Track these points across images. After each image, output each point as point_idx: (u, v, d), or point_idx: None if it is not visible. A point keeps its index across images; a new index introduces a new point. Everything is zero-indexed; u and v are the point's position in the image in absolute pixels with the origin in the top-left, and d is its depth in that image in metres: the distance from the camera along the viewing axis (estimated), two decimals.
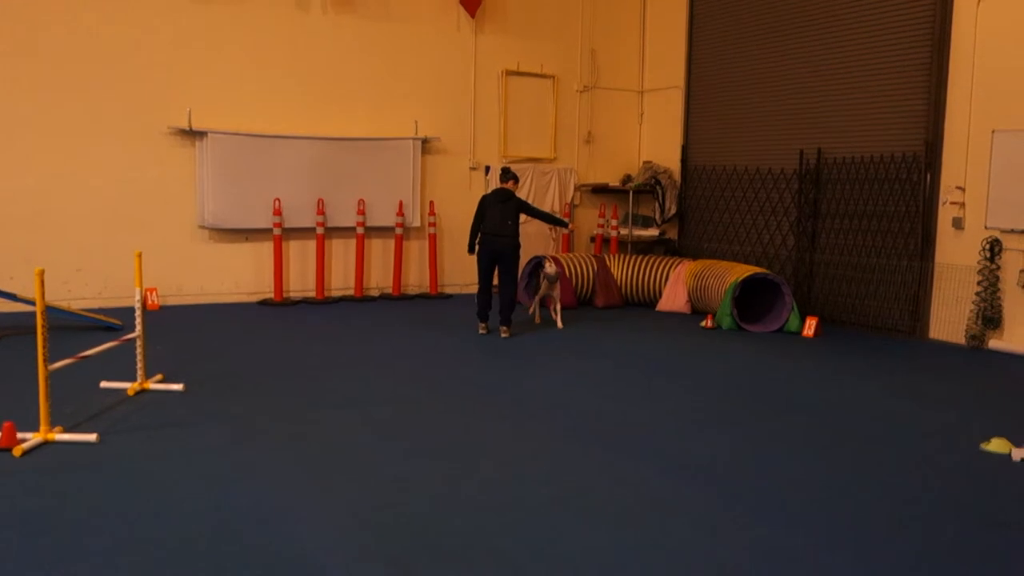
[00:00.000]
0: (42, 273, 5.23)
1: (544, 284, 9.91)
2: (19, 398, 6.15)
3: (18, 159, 9.96)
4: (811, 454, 5.55)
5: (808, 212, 11.24)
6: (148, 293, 10.35)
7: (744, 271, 10.33)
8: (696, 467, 5.24)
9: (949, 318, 9.73)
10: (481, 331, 9.46)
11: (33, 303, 5.31)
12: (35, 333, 5.31)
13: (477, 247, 9.41)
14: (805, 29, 11.29)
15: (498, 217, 9.22)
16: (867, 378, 7.94)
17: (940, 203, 9.81)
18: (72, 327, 8.69)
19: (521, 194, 10.19)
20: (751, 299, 10.46)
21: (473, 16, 12.40)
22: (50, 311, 6.43)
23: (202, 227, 11.00)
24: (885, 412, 6.68)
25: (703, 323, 10.34)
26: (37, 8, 9.89)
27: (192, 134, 10.79)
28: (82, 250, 10.29)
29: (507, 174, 9.60)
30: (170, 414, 6.08)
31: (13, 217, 9.93)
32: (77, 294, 10.15)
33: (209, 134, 10.77)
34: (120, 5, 10.31)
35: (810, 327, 9.93)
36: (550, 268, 9.80)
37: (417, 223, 12.28)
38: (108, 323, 8.87)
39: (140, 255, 6.67)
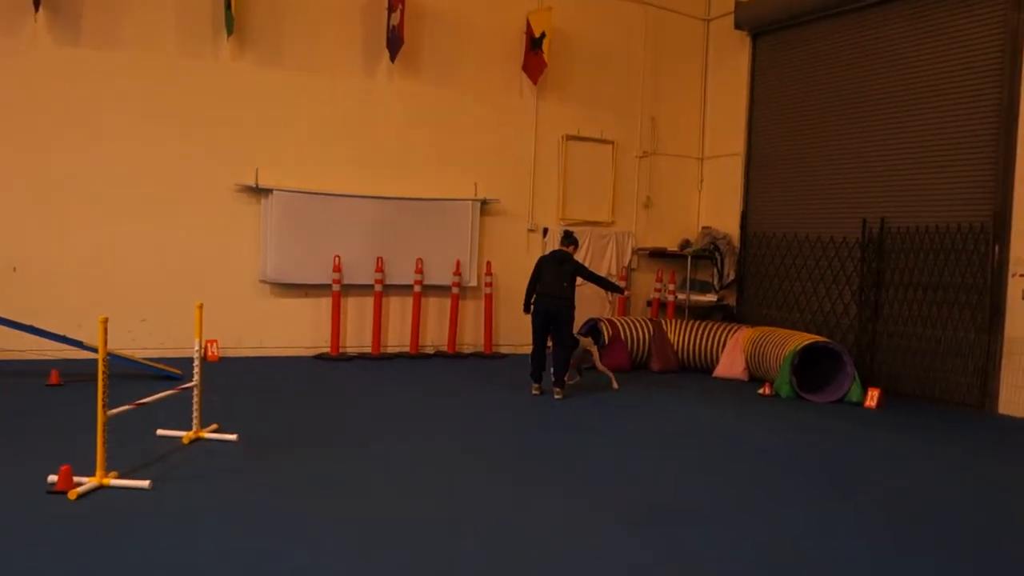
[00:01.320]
0: (105, 321, 5.39)
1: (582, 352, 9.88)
2: (79, 442, 6.27)
3: (91, 215, 10.34)
4: (879, 538, 5.28)
5: (871, 281, 11.01)
6: (208, 344, 10.56)
7: (804, 339, 10.12)
8: (758, 556, 5.06)
9: (1021, 393, 9.35)
10: (534, 392, 9.40)
11: (97, 350, 5.45)
12: (97, 380, 5.44)
13: (532, 307, 9.42)
14: (868, 99, 11.21)
15: (554, 278, 9.23)
16: (937, 455, 7.64)
17: (1009, 275, 9.52)
18: (134, 375, 8.88)
19: (578, 257, 10.23)
20: (811, 368, 10.21)
21: (536, 83, 12.62)
22: (112, 359, 6.60)
23: (263, 282, 11.23)
24: (957, 492, 6.41)
25: (761, 391, 10.12)
26: (111, 72, 10.35)
27: (258, 191, 11.10)
28: (148, 301, 10.57)
29: (568, 238, 9.63)
30: (222, 464, 6.13)
31: (85, 269, 10.28)
32: (141, 343, 10.39)
33: (274, 192, 11.07)
34: (191, 69, 10.74)
35: (872, 398, 9.64)
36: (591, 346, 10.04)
37: (474, 282, 12.36)
38: (168, 372, 9.05)
39: (201, 307, 6.82)
